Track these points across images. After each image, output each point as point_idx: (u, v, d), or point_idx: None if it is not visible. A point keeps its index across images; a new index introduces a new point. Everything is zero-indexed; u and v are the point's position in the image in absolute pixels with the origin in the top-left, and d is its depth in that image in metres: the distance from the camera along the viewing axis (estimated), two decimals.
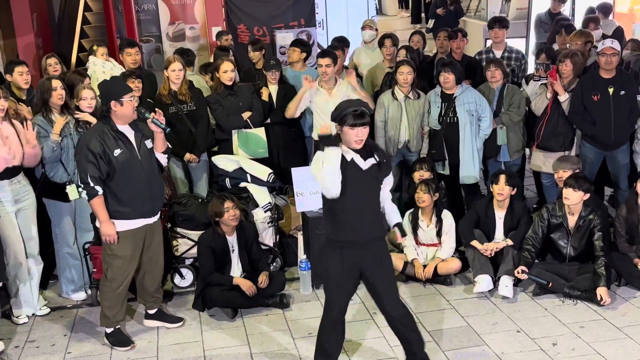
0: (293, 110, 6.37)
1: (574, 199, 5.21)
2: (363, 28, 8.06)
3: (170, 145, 5.02)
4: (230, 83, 6.40)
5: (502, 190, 5.56)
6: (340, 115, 3.85)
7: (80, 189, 4.39)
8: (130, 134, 4.67)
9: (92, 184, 4.50)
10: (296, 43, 7.37)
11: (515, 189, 5.63)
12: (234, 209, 5.27)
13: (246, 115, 6.42)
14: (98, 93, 5.04)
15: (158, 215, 4.90)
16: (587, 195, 5.23)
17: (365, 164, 3.91)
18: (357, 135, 3.83)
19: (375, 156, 3.94)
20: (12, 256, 5.06)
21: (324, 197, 3.97)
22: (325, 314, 4.14)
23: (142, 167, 4.66)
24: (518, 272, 5.26)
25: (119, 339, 4.87)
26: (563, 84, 6.11)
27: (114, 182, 4.58)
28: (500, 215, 5.66)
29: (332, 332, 4.13)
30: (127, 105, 4.57)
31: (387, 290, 4.10)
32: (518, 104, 6.31)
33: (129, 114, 4.61)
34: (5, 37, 8.82)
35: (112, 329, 4.86)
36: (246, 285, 5.18)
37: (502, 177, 5.56)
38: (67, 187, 5.20)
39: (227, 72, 6.35)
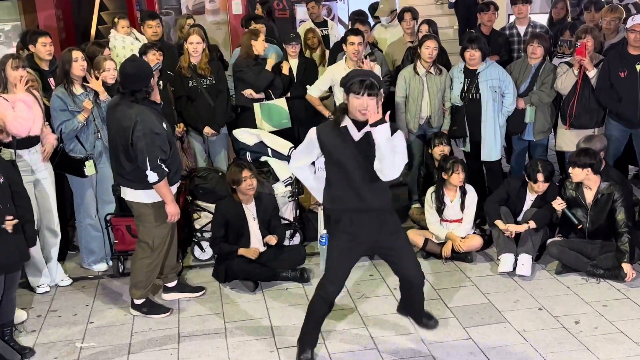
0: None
1: (575, 175, 5.23)
2: (379, 14, 7.93)
3: None
4: (263, 53, 6.38)
5: (543, 188, 5.49)
6: (348, 82, 3.71)
7: (147, 172, 4.41)
8: (159, 108, 4.72)
9: (163, 166, 4.49)
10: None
11: None
12: (251, 178, 5.26)
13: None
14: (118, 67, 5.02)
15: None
16: (588, 170, 5.17)
17: (358, 135, 3.76)
18: (362, 104, 3.64)
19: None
20: None
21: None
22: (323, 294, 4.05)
23: (172, 139, 4.70)
24: (555, 203, 5.28)
25: (155, 307, 4.89)
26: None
27: None
28: (532, 197, 5.59)
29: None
30: (153, 82, 4.60)
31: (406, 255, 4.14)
32: (551, 84, 6.17)
33: (156, 89, 4.67)
34: (25, 10, 8.80)
35: (142, 300, 4.88)
36: (250, 252, 5.20)
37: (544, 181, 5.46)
38: (86, 162, 5.22)
39: (260, 41, 6.34)
